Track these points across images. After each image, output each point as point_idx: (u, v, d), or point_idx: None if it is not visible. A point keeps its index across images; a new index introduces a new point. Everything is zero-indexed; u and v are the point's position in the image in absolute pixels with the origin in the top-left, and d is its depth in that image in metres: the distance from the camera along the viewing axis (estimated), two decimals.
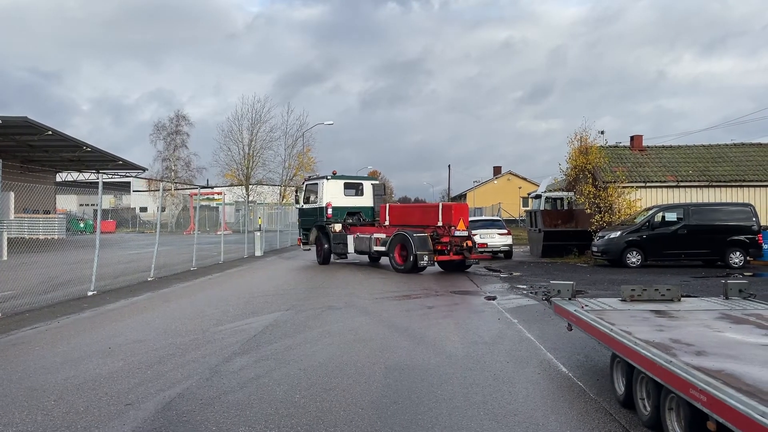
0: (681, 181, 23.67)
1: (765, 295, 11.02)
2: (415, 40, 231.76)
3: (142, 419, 4.95)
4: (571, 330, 6.68)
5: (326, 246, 20.12)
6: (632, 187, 23.07)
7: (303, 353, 7.29)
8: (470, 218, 28.85)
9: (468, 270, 17.72)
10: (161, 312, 10.57)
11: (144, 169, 47.63)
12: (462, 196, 76.59)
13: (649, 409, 4.59)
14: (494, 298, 12.10)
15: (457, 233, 16.84)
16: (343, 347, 7.64)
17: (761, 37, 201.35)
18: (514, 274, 17.13)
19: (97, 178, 16.59)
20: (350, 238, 19.63)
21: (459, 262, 17.22)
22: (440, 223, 17.10)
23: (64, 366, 6.67)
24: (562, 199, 29.25)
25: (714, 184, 23.41)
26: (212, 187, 57.93)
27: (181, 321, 9.53)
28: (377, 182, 22.00)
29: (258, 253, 24.98)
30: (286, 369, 6.54)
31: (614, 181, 22.98)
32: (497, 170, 79.38)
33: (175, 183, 61.05)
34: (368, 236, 18.99)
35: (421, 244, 16.71)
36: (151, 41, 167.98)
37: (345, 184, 20.97)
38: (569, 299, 7.00)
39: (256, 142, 52.81)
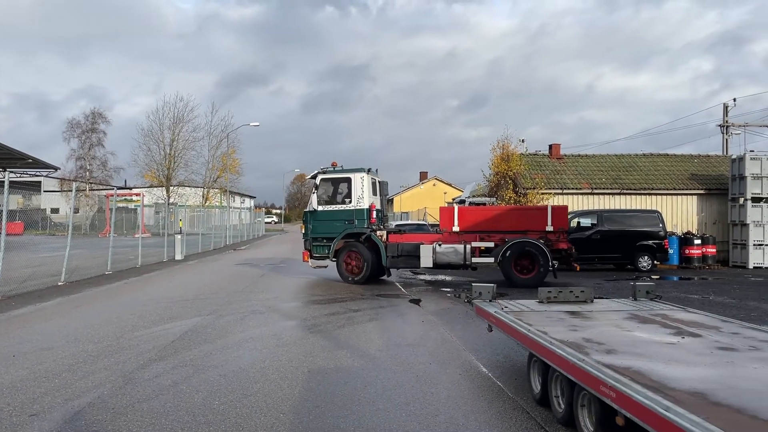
0: (595, 188, 24.69)
1: (670, 296, 11.70)
2: (354, 46, 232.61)
3: (48, 430, 4.68)
4: (491, 331, 6.85)
5: (371, 258, 15.75)
6: (550, 193, 23.96)
7: (223, 359, 7.11)
8: (399, 222, 29.23)
9: (388, 276, 16.78)
10: (72, 318, 10.05)
11: (56, 169, 45.35)
12: (389, 201, 77.13)
13: (563, 406, 4.76)
14: (419, 301, 12.24)
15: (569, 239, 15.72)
16: (266, 352, 7.51)
17: (679, 56, 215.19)
18: (438, 277, 17.38)
19: (3, 177, 15.57)
20: (427, 249, 15.40)
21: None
22: (550, 228, 15.28)
23: None
24: (484, 204, 29.92)
25: (625, 191, 24.58)
26: (130, 188, 55.65)
27: (94, 327, 9.08)
28: (382, 180, 17.73)
29: (178, 256, 24.18)
30: (205, 375, 6.35)
31: (533, 188, 23.81)
32: (423, 175, 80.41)
33: (90, 183, 58.32)
34: (459, 245, 15.32)
35: (551, 253, 14.83)
36: (80, 36, 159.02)
37: (371, 180, 16.72)
38: (490, 301, 7.18)
39: (178, 143, 51.30)
